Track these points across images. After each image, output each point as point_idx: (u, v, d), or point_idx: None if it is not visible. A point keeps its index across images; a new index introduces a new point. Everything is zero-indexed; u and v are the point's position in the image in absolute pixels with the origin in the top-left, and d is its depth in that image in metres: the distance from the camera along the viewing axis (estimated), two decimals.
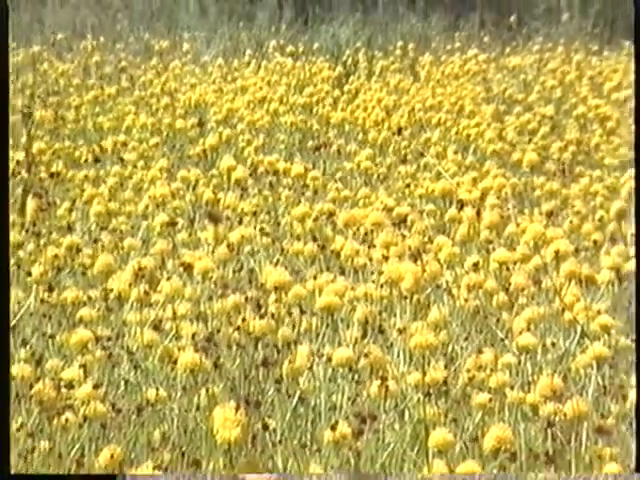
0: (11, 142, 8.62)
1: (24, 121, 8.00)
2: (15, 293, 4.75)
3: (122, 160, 7.90)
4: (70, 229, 5.66)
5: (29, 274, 4.81)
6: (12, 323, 4.34)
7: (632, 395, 3.78)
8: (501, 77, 12.39)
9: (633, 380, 3.95)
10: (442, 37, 14.72)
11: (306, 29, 15.26)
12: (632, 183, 7.11)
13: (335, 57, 12.91)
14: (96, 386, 3.75)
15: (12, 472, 3.22)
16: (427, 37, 14.65)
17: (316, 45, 13.95)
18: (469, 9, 16.19)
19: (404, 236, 4.77)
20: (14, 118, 9.14)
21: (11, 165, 6.94)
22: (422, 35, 14.67)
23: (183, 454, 3.57)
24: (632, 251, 4.75)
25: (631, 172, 7.80)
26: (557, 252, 4.71)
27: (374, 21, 15.58)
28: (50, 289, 4.61)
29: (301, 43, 13.92)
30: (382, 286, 4.41)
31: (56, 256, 4.87)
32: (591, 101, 10.98)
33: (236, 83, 11.79)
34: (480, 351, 4.09)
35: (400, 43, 13.65)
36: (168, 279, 4.47)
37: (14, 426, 3.65)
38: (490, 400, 3.74)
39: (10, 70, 12.65)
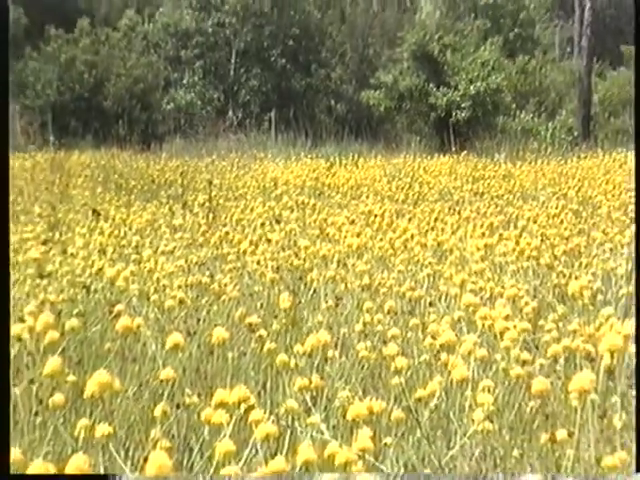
0: (203, 192, 8.48)
1: (209, 185, 7.90)
2: (201, 249, 4.62)
3: (245, 199, 7.79)
4: (226, 225, 5.56)
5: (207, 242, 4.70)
6: (200, 261, 4.14)
7: (463, 298, 3.33)
8: (390, 167, 12.20)
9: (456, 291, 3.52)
10: (368, 153, 14.59)
11: (316, 148, 15.24)
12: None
13: (327, 159, 12.76)
14: (233, 287, 3.62)
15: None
16: (361, 152, 14.50)
17: (320, 154, 13.86)
18: (378, 142, 16.27)
19: (354, 228, 4.70)
20: (203, 184, 8.99)
21: (202, 200, 6.85)
22: (360, 152, 14.52)
23: (266, 314, 3.45)
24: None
25: (441, 205, 7.66)
26: (412, 235, 4.58)
27: (341, 146, 15.64)
28: (217, 248, 4.50)
29: (314, 154, 13.82)
30: (345, 248, 4.33)
31: (220, 236, 4.77)
32: (424, 177, 10.81)
33: (289, 170, 11.65)
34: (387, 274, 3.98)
35: (351, 155, 13.51)
36: (262, 244, 4.37)
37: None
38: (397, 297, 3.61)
39: (195, 169, 12.33)
